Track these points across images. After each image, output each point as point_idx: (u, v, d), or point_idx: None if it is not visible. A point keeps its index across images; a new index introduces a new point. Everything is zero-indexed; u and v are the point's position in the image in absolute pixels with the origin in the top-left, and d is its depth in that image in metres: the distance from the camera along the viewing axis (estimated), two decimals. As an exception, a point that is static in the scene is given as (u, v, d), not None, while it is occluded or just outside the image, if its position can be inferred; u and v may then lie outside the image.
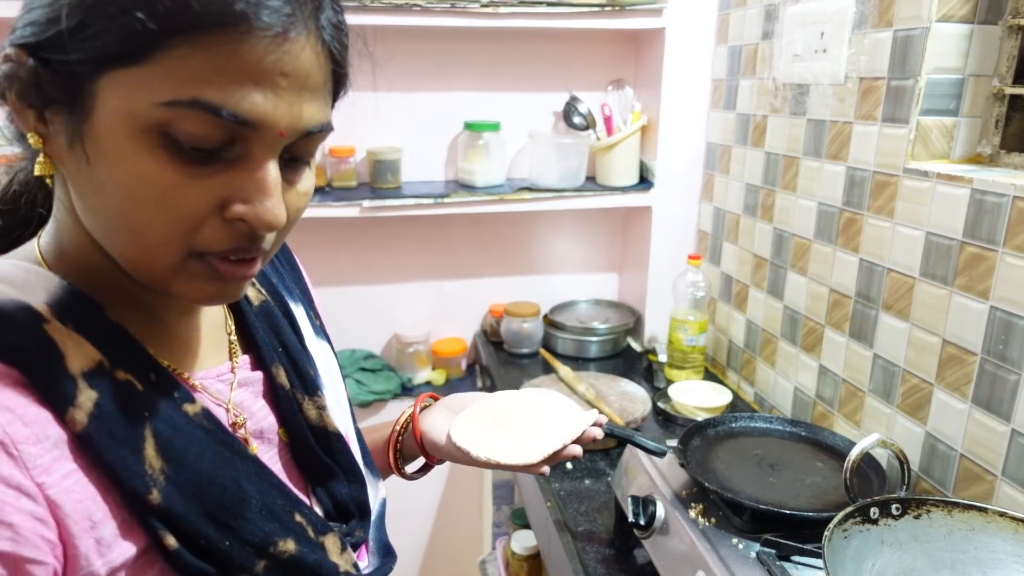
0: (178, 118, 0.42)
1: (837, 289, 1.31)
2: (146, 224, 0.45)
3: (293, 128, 0.46)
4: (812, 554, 0.88)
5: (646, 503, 1.02)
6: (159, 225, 0.45)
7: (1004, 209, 0.95)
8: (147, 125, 0.43)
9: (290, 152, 0.48)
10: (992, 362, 0.98)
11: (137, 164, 0.43)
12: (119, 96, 0.43)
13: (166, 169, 0.43)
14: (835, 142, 1.30)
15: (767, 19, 1.50)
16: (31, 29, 0.44)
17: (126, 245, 0.47)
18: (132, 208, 0.44)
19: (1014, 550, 0.80)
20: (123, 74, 0.42)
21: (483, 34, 1.78)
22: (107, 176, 0.44)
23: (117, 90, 0.42)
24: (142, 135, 0.43)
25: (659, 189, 1.82)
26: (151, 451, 0.46)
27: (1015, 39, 1.07)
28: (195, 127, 0.43)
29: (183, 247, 0.46)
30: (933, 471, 1.10)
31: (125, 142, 0.43)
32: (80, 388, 0.44)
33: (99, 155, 0.44)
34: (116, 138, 0.43)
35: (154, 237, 0.45)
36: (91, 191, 0.46)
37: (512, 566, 1.80)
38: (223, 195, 0.45)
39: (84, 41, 0.42)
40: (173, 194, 0.44)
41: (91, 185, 0.45)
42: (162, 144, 0.43)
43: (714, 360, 1.81)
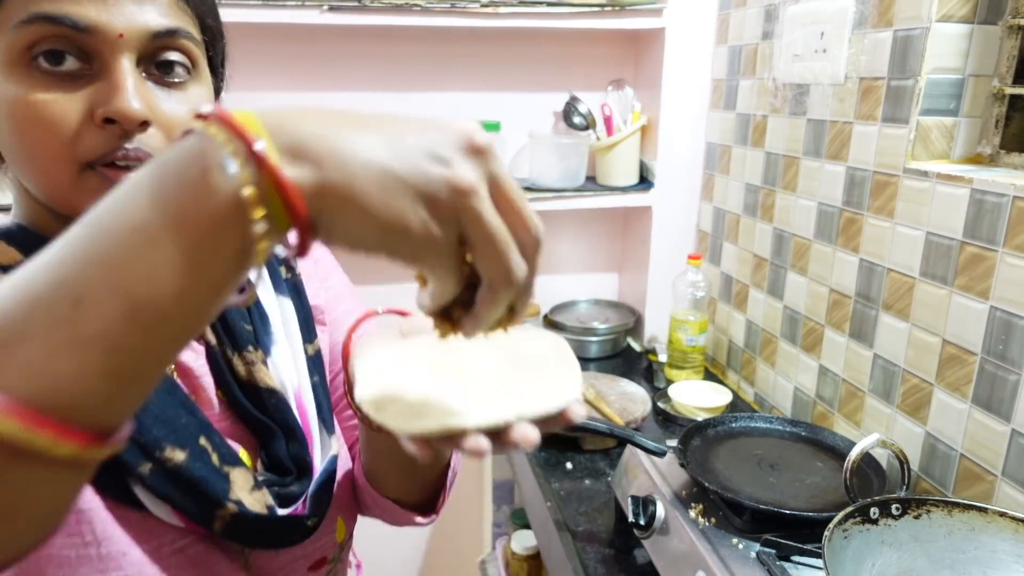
0: (31, 40, 0.49)
1: (837, 289, 1.31)
2: (34, 145, 0.50)
3: (132, 29, 0.51)
4: (812, 554, 0.88)
5: (646, 503, 1.02)
6: (43, 144, 0.50)
7: (1004, 209, 0.95)
8: (13, 58, 0.49)
9: (153, 60, 0.53)
10: (992, 362, 0.98)
11: (7, 96, 0.50)
12: None
13: (36, 91, 0.49)
14: (835, 142, 1.30)
15: (767, 19, 1.50)
16: None
17: (29, 173, 0.52)
18: (20, 135, 0.50)
19: (1014, 550, 0.80)
20: None
21: (483, 34, 1.78)
22: None
23: None
24: (11, 68, 0.49)
25: (659, 189, 1.82)
26: None
27: (1015, 39, 1.07)
28: (46, 43, 0.49)
29: (71, 160, 0.51)
30: (933, 471, 1.10)
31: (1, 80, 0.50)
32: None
33: None
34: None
35: (44, 156, 0.51)
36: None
37: (512, 566, 1.80)
38: (89, 104, 0.51)
39: None
40: (46, 110, 0.49)
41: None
42: (29, 71, 0.49)
43: (714, 360, 1.81)
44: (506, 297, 0.40)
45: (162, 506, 0.53)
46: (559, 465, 1.37)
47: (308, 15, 1.53)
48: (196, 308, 0.33)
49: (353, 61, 1.76)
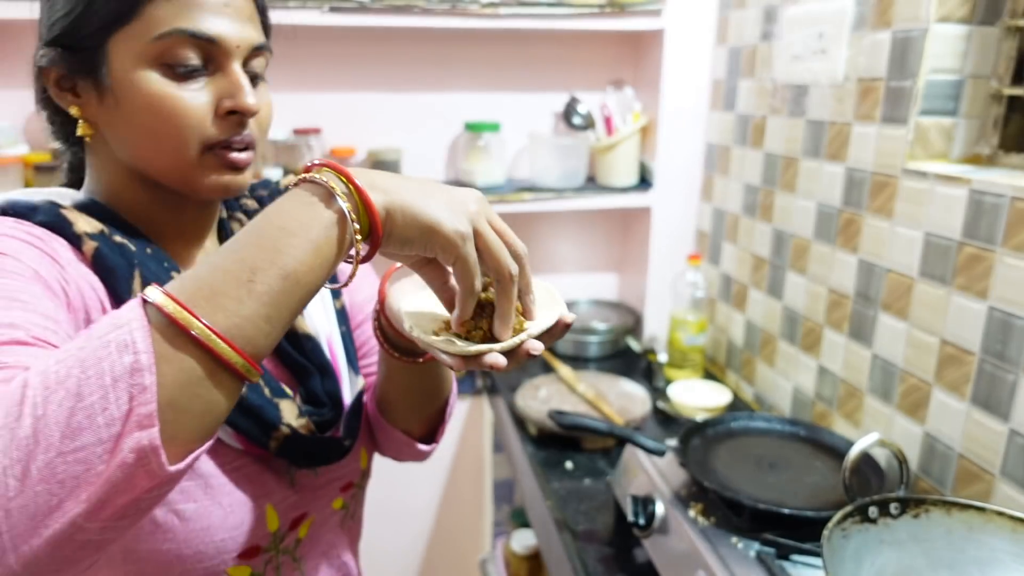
0: (168, 48, 0.60)
1: (836, 289, 1.31)
2: (166, 133, 0.62)
3: (244, 42, 0.64)
4: (811, 553, 0.88)
5: (646, 503, 1.03)
6: (175, 130, 0.62)
7: (1002, 209, 0.96)
8: (148, 61, 0.60)
9: (247, 68, 0.65)
10: (991, 362, 0.99)
11: (150, 91, 0.61)
12: (124, 48, 0.60)
13: (169, 87, 0.61)
14: (834, 142, 1.30)
15: (766, 20, 1.50)
16: (56, 28, 0.62)
17: (156, 155, 0.63)
18: (154, 124, 0.61)
19: (1012, 549, 0.80)
20: (122, 33, 0.60)
21: (483, 35, 1.79)
22: (132, 108, 0.61)
23: (121, 45, 0.60)
24: (147, 69, 0.60)
25: (659, 189, 1.83)
26: (137, 283, 0.62)
27: (1013, 40, 1.08)
28: (180, 51, 0.61)
29: (196, 144, 0.62)
30: (932, 470, 1.10)
31: (138, 79, 0.61)
32: (84, 240, 0.62)
33: (123, 96, 0.61)
34: (130, 78, 0.61)
35: (173, 141, 0.62)
36: (123, 126, 0.63)
37: (512, 566, 1.80)
38: (213, 98, 0.63)
39: (92, 16, 0.60)
40: (178, 104, 0.61)
41: (123, 121, 0.63)
42: (162, 72, 0.61)
43: (713, 360, 1.81)
44: (512, 289, 0.55)
45: (226, 430, 0.64)
46: (559, 465, 1.37)
47: (309, 16, 1.53)
48: (316, 280, 0.50)
49: (354, 62, 1.76)
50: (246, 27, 0.64)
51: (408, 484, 2.03)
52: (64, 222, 0.62)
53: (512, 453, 1.57)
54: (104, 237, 0.63)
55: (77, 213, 0.64)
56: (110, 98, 0.62)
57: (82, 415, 0.41)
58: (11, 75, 1.64)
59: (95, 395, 0.41)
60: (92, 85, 0.63)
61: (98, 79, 0.62)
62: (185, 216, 0.70)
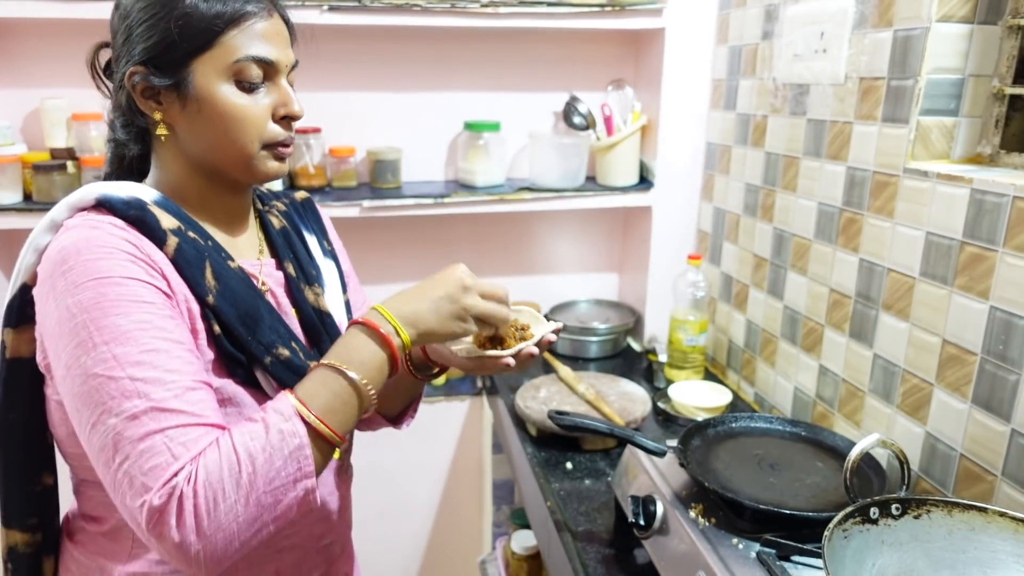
0: (240, 69, 0.78)
1: (837, 289, 1.31)
2: (237, 132, 0.80)
3: (288, 61, 0.83)
4: (812, 554, 0.88)
5: (646, 503, 1.02)
6: (244, 131, 0.80)
7: (1004, 209, 0.95)
8: (225, 78, 0.78)
9: (287, 80, 0.84)
10: (992, 362, 0.98)
11: (227, 101, 0.79)
12: (205, 69, 0.78)
13: (242, 99, 0.79)
14: (835, 142, 1.30)
15: (767, 19, 1.50)
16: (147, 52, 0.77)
17: (227, 149, 0.81)
18: (229, 125, 0.79)
19: (1014, 550, 0.80)
20: (204, 57, 0.77)
21: (483, 34, 1.78)
22: (212, 114, 0.79)
23: (204, 65, 0.78)
24: (224, 85, 0.78)
25: (659, 189, 1.82)
26: (209, 274, 0.79)
27: (1015, 39, 1.07)
28: (248, 71, 0.79)
29: (258, 141, 0.81)
30: (933, 471, 1.10)
31: (218, 92, 0.78)
32: (168, 236, 0.77)
33: (204, 104, 0.78)
34: (211, 91, 0.78)
35: (244, 138, 0.80)
36: (202, 127, 0.80)
37: (512, 566, 1.80)
38: (270, 106, 0.82)
39: (184, 44, 0.76)
40: (248, 112, 0.80)
41: (202, 124, 0.79)
42: (235, 86, 0.79)
43: (714, 360, 1.81)
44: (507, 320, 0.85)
45: (270, 383, 0.82)
46: (559, 465, 1.37)
47: (308, 15, 1.53)
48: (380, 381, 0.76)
49: (353, 61, 1.76)
50: (288, 50, 0.83)
51: (408, 484, 2.03)
52: (152, 219, 0.77)
53: (512, 453, 1.56)
54: (182, 233, 0.79)
55: (159, 209, 0.79)
56: (192, 106, 0.79)
57: (275, 472, 0.68)
58: (9, 75, 1.64)
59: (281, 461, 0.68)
60: (175, 96, 0.79)
61: (181, 91, 0.78)
62: (233, 202, 0.88)
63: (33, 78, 1.64)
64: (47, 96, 1.63)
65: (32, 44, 1.63)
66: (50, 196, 1.55)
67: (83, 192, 0.77)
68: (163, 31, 0.76)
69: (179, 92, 0.78)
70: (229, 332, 0.78)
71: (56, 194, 1.55)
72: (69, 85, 1.66)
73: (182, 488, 0.64)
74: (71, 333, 0.68)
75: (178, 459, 0.65)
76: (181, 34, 0.76)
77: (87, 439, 0.68)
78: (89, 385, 0.67)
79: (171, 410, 0.67)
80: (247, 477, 0.66)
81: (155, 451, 0.65)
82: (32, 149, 1.66)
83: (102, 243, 0.71)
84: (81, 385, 0.67)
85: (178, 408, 0.67)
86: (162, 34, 0.76)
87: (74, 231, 0.73)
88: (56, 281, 0.70)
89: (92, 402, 0.66)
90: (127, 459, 0.65)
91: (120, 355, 0.67)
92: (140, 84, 0.78)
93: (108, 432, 0.66)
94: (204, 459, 0.65)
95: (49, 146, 1.64)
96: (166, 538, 0.64)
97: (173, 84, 0.77)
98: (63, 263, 0.70)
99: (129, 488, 0.65)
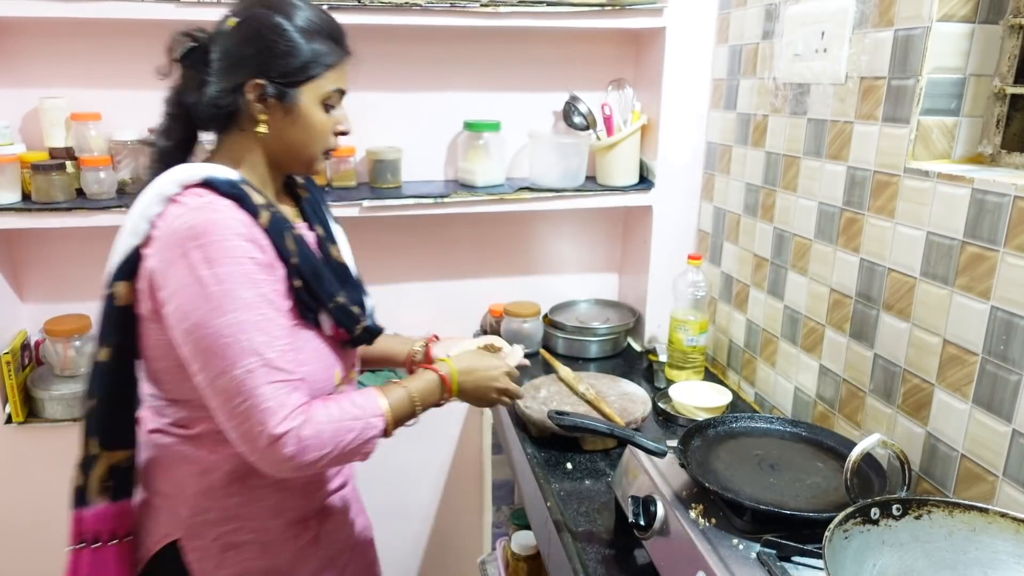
0: (329, 96, 1.02)
1: (838, 289, 1.31)
2: (313, 141, 1.04)
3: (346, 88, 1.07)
4: (813, 554, 0.88)
5: (646, 503, 1.02)
6: (317, 142, 1.04)
7: (1005, 209, 0.95)
8: (319, 101, 1.02)
9: None
10: (993, 362, 0.98)
11: (316, 119, 1.02)
12: (308, 92, 1.01)
13: (325, 118, 1.03)
14: (836, 142, 1.30)
15: (767, 19, 1.50)
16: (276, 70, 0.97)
17: (301, 151, 1.04)
18: (310, 136, 1.03)
19: (1015, 551, 0.80)
20: (311, 84, 1.00)
21: (483, 34, 1.78)
22: (303, 125, 1.02)
23: (309, 91, 1.01)
24: (317, 105, 1.02)
25: (659, 189, 1.82)
26: (290, 241, 0.99)
27: (1016, 39, 1.07)
28: (333, 98, 1.04)
29: (322, 148, 1.06)
30: (934, 471, 1.10)
31: (312, 111, 1.02)
32: (260, 211, 0.96)
33: (299, 117, 1.01)
34: (308, 110, 1.01)
35: (315, 147, 1.05)
36: (291, 132, 1.02)
37: (512, 566, 1.80)
38: (334, 123, 1.05)
39: (303, 74, 0.99)
40: (325, 128, 1.04)
41: (292, 130, 1.02)
42: (322, 108, 1.03)
43: (714, 360, 1.81)
44: None
45: (328, 323, 1.04)
46: (559, 465, 1.37)
47: (308, 14, 1.52)
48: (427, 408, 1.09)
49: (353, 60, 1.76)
50: None
51: (408, 484, 2.03)
52: (248, 197, 0.96)
53: (512, 454, 1.56)
54: (271, 207, 0.99)
55: (249, 188, 0.98)
56: (290, 117, 1.01)
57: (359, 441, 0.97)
58: (8, 74, 1.63)
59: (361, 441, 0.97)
60: (280, 106, 1.00)
61: (286, 104, 1.00)
62: (279, 184, 1.10)
63: (32, 78, 1.64)
64: (46, 96, 1.63)
65: (31, 43, 1.63)
66: (49, 196, 1.55)
67: (189, 171, 0.96)
68: (292, 61, 0.98)
69: (284, 104, 0.99)
70: (307, 286, 0.99)
71: (55, 194, 1.55)
72: (68, 85, 1.65)
73: (295, 429, 0.89)
74: (205, 299, 0.88)
75: (285, 406, 0.90)
76: (306, 66, 0.99)
77: (211, 382, 0.89)
78: (220, 344, 0.88)
79: (277, 367, 0.90)
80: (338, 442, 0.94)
81: (267, 397, 0.89)
82: (31, 149, 1.66)
83: (226, 227, 0.91)
84: (213, 342, 0.88)
85: (281, 366, 0.91)
86: (291, 63, 0.98)
87: (199, 212, 0.92)
88: (190, 253, 0.89)
89: (219, 356, 0.88)
90: (246, 401, 0.88)
91: (243, 321, 0.89)
92: (258, 91, 0.98)
93: (232, 380, 0.88)
94: (316, 413, 0.92)
95: (48, 146, 1.64)
96: (271, 457, 0.90)
97: (281, 97, 0.99)
98: (195, 239, 0.89)
99: (247, 421, 0.89)
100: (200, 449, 1.01)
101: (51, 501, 1.82)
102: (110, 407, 1.00)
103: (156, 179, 0.96)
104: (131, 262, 0.95)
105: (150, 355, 0.99)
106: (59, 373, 1.70)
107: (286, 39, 0.97)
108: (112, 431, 1.01)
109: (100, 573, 1.00)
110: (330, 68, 1.01)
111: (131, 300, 0.96)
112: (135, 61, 1.66)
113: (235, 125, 1.02)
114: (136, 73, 1.67)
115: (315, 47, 0.99)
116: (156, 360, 0.98)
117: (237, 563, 1.04)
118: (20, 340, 1.69)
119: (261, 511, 1.04)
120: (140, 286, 0.95)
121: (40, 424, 1.69)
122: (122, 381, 1.00)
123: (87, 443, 1.00)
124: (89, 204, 1.57)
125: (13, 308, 1.73)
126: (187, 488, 1.02)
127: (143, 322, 0.97)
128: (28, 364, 1.73)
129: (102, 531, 1.00)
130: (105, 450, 1.00)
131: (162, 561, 1.03)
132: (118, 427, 1.01)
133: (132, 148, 1.66)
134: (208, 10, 1.47)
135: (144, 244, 0.94)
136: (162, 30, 0.99)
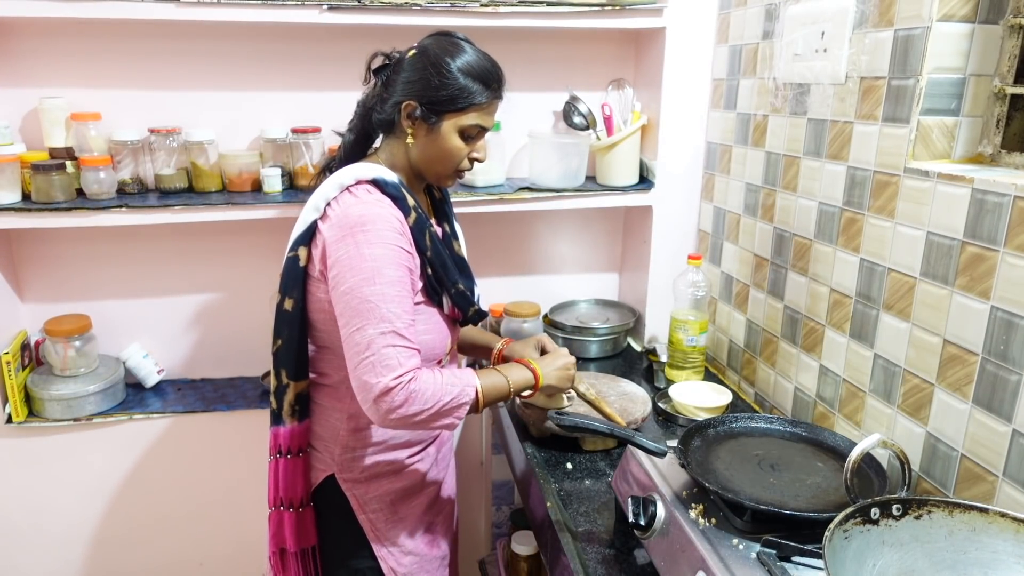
0: (469, 128, 1.19)
1: (838, 289, 1.31)
2: (447, 162, 1.21)
3: (492, 126, 1.24)
4: (813, 554, 0.88)
5: (646, 503, 1.02)
6: (450, 163, 1.22)
7: (1005, 209, 0.95)
8: (458, 131, 1.19)
9: None
10: (993, 362, 0.98)
11: (454, 144, 1.20)
12: (451, 121, 1.18)
13: (461, 144, 1.20)
14: (836, 142, 1.30)
15: (767, 19, 1.50)
16: (425, 95, 1.17)
17: (434, 167, 1.23)
18: (446, 156, 1.21)
19: (1015, 551, 0.80)
20: (455, 114, 1.18)
21: (483, 34, 1.77)
22: (441, 145, 1.20)
23: (452, 119, 1.18)
24: (456, 133, 1.19)
25: (659, 189, 1.82)
26: (427, 238, 1.20)
27: (1016, 39, 1.07)
28: (472, 131, 1.20)
29: (454, 168, 1.23)
30: (934, 471, 1.10)
31: (451, 137, 1.19)
32: (411, 211, 1.18)
33: (439, 138, 1.19)
34: (448, 134, 1.19)
35: (447, 166, 1.22)
36: (430, 149, 1.21)
37: (512, 566, 1.80)
38: (471, 149, 1.22)
39: (451, 105, 1.17)
40: (461, 154, 1.21)
41: (431, 147, 1.20)
42: (461, 137, 1.20)
43: (714, 360, 1.80)
44: None
45: (448, 304, 1.26)
46: (559, 465, 1.37)
47: (308, 14, 1.52)
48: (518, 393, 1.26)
49: (353, 60, 1.75)
50: (494, 118, 1.24)
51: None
52: (404, 200, 1.18)
53: (512, 454, 1.56)
54: (418, 208, 1.20)
55: (404, 191, 1.19)
56: (431, 136, 1.19)
57: (454, 405, 1.12)
58: (8, 74, 1.63)
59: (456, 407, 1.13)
60: (424, 125, 1.19)
61: (430, 126, 1.19)
62: (423, 184, 1.31)
63: (32, 78, 1.64)
64: (46, 96, 1.63)
65: (31, 43, 1.63)
66: (49, 196, 1.55)
67: (363, 170, 1.18)
68: (442, 93, 1.16)
69: (428, 125, 1.18)
70: (435, 274, 1.21)
71: (55, 194, 1.55)
72: (68, 85, 1.65)
73: (406, 383, 1.07)
74: (360, 271, 1.09)
75: (402, 366, 1.07)
76: (452, 100, 1.16)
77: (349, 335, 1.09)
78: (365, 306, 1.08)
79: (401, 335, 1.09)
80: (437, 401, 1.10)
81: (390, 356, 1.07)
82: (31, 149, 1.66)
83: (385, 220, 1.13)
84: (359, 304, 1.08)
85: (405, 335, 1.10)
86: (440, 94, 1.16)
87: (366, 205, 1.14)
88: (357, 234, 1.11)
89: (361, 316, 1.08)
90: (373, 355, 1.07)
91: (385, 293, 1.09)
92: (410, 110, 1.18)
93: (366, 337, 1.07)
94: (423, 375, 1.09)
95: (48, 146, 1.64)
96: (381, 404, 1.06)
97: (427, 120, 1.18)
98: (363, 224, 1.11)
99: (370, 371, 1.06)
100: (342, 400, 1.25)
101: (51, 501, 1.82)
102: (293, 345, 1.22)
103: (338, 171, 1.20)
104: (310, 231, 1.18)
105: (312, 307, 1.21)
106: (59, 373, 1.70)
107: (442, 74, 1.15)
108: (295, 365, 1.23)
109: (291, 478, 1.25)
110: (475, 107, 1.17)
111: (307, 261, 1.19)
112: (135, 61, 1.66)
113: (394, 133, 1.23)
114: (136, 73, 1.67)
115: (466, 85, 1.16)
116: (315, 312, 1.21)
117: (380, 486, 1.28)
118: (20, 340, 1.69)
119: (395, 446, 1.28)
120: (314, 252, 1.18)
121: (40, 424, 1.69)
122: (300, 325, 1.21)
123: (279, 374, 1.23)
124: (89, 204, 1.57)
125: (13, 308, 1.73)
126: (339, 431, 1.25)
127: (311, 280, 1.20)
128: (28, 364, 1.73)
129: (292, 446, 1.25)
130: (292, 380, 1.23)
131: (324, 491, 1.27)
132: (299, 362, 1.23)
133: (132, 148, 1.66)
134: (208, 10, 1.47)
135: (321, 218, 1.17)
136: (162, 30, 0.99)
